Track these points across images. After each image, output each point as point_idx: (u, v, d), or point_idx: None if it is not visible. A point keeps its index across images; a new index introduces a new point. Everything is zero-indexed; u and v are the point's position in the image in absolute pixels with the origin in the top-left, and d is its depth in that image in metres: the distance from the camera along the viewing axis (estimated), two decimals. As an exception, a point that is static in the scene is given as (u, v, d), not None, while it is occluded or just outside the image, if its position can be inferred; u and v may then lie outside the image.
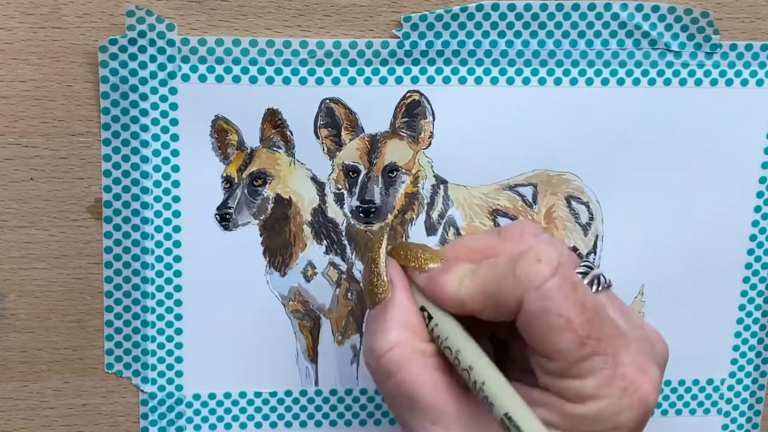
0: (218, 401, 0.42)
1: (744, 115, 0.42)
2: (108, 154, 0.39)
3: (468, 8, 0.39)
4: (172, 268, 0.40)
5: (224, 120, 0.39)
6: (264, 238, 0.41)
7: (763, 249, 0.43)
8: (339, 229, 0.41)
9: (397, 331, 0.34)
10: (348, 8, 0.38)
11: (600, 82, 0.40)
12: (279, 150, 0.40)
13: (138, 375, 0.41)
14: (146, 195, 0.40)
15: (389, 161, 0.41)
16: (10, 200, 0.39)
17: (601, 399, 0.32)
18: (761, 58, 0.41)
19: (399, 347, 0.34)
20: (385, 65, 0.39)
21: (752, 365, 0.45)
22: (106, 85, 0.38)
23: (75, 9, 0.37)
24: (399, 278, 0.35)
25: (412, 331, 0.34)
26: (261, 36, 0.38)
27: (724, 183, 0.42)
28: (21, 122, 0.38)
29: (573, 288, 0.32)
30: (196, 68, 0.38)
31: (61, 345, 0.41)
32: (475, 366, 0.33)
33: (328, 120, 0.40)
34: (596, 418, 0.32)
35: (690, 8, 0.40)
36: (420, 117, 0.40)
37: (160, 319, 0.41)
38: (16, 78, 0.37)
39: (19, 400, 0.41)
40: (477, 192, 0.42)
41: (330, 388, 0.43)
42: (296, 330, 0.42)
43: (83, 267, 0.40)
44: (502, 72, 0.40)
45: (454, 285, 0.34)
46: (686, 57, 0.41)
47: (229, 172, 0.40)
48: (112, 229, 0.40)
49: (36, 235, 0.39)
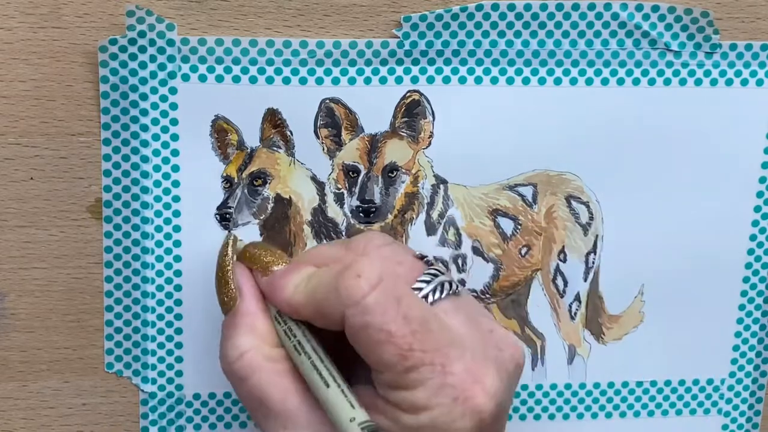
0: (218, 401, 0.42)
1: (744, 115, 0.42)
2: (108, 153, 0.39)
3: (468, 8, 0.39)
4: (172, 267, 0.40)
5: (224, 120, 0.39)
6: (264, 238, 0.41)
7: (763, 249, 0.43)
8: (339, 229, 0.41)
9: (246, 338, 0.35)
10: (348, 8, 0.38)
11: (600, 82, 0.40)
12: (279, 150, 0.40)
13: (138, 375, 0.41)
14: (146, 195, 0.40)
15: (389, 161, 0.41)
16: (10, 200, 0.39)
17: (433, 409, 0.32)
18: (761, 58, 0.41)
19: (248, 354, 0.35)
20: (385, 65, 0.39)
21: (752, 365, 0.45)
22: (106, 85, 0.38)
23: (75, 9, 0.37)
24: (246, 284, 0.36)
25: (261, 338, 0.35)
26: (261, 36, 0.38)
27: (724, 183, 0.42)
28: (21, 122, 0.38)
29: (396, 302, 0.32)
30: (196, 68, 0.38)
31: (61, 345, 0.41)
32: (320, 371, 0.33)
33: (328, 120, 0.40)
34: (432, 428, 0.32)
35: (690, 8, 0.40)
36: (420, 117, 0.40)
37: (160, 319, 0.41)
38: (16, 78, 0.37)
39: (19, 399, 0.41)
40: (477, 192, 0.42)
41: (330, 388, 0.43)
42: (296, 330, 0.42)
43: (83, 267, 0.40)
44: (502, 72, 0.40)
45: (290, 290, 0.35)
46: (686, 57, 0.41)
47: (229, 172, 0.40)
48: (112, 229, 0.40)
49: (36, 234, 0.39)
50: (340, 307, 0.33)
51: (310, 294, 0.34)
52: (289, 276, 0.35)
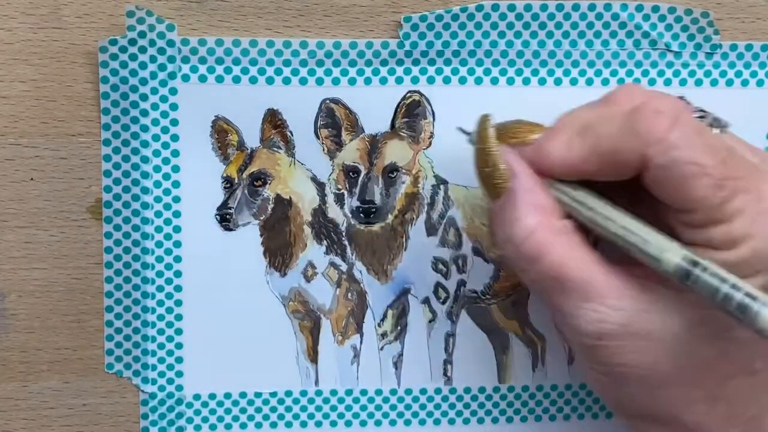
0: (218, 401, 0.42)
1: (744, 115, 0.41)
2: (108, 154, 0.39)
3: (468, 8, 0.39)
4: (173, 268, 0.40)
5: (224, 120, 0.39)
6: (264, 239, 0.41)
7: (764, 249, 0.43)
8: (339, 230, 0.41)
9: (532, 216, 0.33)
10: (348, 8, 0.38)
11: (600, 83, 0.40)
12: (279, 150, 0.40)
13: (138, 375, 0.41)
14: (146, 195, 0.40)
15: (389, 161, 0.41)
16: (10, 200, 0.39)
17: (753, 237, 0.30)
18: (761, 59, 0.41)
19: (537, 231, 0.32)
20: (385, 65, 0.39)
21: (753, 366, 0.45)
22: (106, 86, 0.38)
23: (75, 9, 0.37)
24: (516, 162, 0.34)
25: (546, 212, 0.33)
26: (261, 36, 0.38)
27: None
28: (21, 122, 0.38)
29: (698, 133, 0.31)
30: (196, 68, 0.38)
31: (61, 345, 0.41)
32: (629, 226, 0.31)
33: (329, 120, 0.40)
34: (753, 258, 0.30)
35: (690, 8, 0.40)
36: (420, 117, 0.40)
37: (160, 319, 0.41)
38: (16, 78, 0.38)
39: (19, 400, 0.41)
40: (477, 192, 0.41)
41: (330, 388, 0.43)
42: (296, 330, 0.42)
43: (83, 267, 0.40)
44: (503, 72, 0.40)
45: (563, 150, 0.33)
46: (686, 57, 0.41)
47: (230, 173, 0.40)
48: (112, 229, 0.40)
49: (36, 235, 0.39)
50: (639, 148, 0.31)
51: (592, 146, 0.32)
52: (556, 137, 0.33)
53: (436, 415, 0.43)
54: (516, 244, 0.33)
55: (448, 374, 0.43)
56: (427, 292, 0.42)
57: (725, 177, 0.30)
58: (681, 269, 0.30)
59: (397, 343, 0.42)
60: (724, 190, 0.30)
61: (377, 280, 0.42)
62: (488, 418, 0.43)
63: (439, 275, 0.42)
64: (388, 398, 0.43)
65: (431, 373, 0.43)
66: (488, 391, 0.43)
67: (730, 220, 0.30)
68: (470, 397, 0.43)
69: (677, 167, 0.30)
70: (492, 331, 0.43)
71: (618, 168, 0.32)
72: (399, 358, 0.43)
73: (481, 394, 0.43)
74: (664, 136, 0.30)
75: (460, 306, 0.42)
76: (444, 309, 0.42)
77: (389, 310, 0.42)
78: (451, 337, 0.43)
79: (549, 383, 0.44)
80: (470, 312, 0.43)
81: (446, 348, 0.43)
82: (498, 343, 0.43)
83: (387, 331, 0.42)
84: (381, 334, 0.42)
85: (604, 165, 0.32)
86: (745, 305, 0.29)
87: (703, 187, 0.30)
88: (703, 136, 0.31)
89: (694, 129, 0.31)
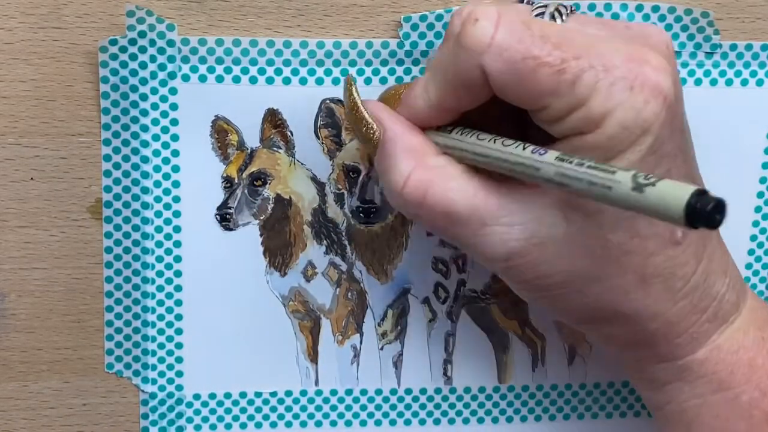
0: (218, 401, 0.42)
1: (744, 115, 0.42)
2: (108, 154, 0.39)
3: (468, 8, 0.39)
4: (173, 268, 0.40)
5: (224, 120, 0.39)
6: (264, 238, 0.41)
7: (764, 249, 0.43)
8: (339, 229, 0.41)
9: (406, 161, 0.33)
10: (348, 8, 0.38)
11: (600, 82, 0.40)
12: (279, 150, 0.40)
13: (138, 375, 0.41)
14: (146, 195, 0.40)
15: (389, 161, 0.41)
16: (10, 200, 0.39)
17: (614, 111, 0.29)
18: (761, 58, 0.41)
19: (413, 174, 0.33)
20: (385, 65, 0.39)
21: (752, 365, 0.45)
22: (106, 85, 0.38)
23: (75, 9, 0.37)
24: (382, 110, 0.34)
25: (419, 153, 0.33)
26: (261, 36, 0.38)
27: (724, 183, 0.42)
28: (21, 122, 0.38)
29: (525, 27, 0.30)
30: (196, 68, 0.38)
31: (61, 345, 0.41)
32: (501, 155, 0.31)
33: (329, 120, 0.40)
34: (623, 131, 0.29)
35: (690, 8, 0.40)
36: (420, 117, 0.40)
37: (160, 319, 0.41)
38: (16, 78, 0.37)
39: (19, 400, 0.41)
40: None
41: (330, 388, 0.43)
42: (296, 330, 0.42)
43: (83, 267, 0.40)
44: (502, 72, 0.40)
45: (423, 95, 0.33)
46: (686, 57, 0.41)
47: (230, 172, 0.40)
48: (112, 229, 0.40)
49: (36, 235, 0.39)
50: (475, 64, 0.30)
51: (442, 82, 0.32)
52: (415, 86, 0.33)
53: (436, 415, 0.43)
54: (398, 192, 0.33)
55: (448, 374, 0.43)
56: (427, 291, 0.42)
57: (563, 60, 0.29)
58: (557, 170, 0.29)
59: (397, 342, 0.42)
60: (566, 74, 0.29)
61: (377, 279, 0.42)
62: (488, 417, 0.43)
63: (439, 275, 0.42)
64: (388, 398, 0.43)
65: (431, 372, 0.43)
66: (488, 391, 0.43)
67: (585, 101, 0.30)
68: (470, 396, 0.43)
69: (513, 67, 0.30)
70: (492, 330, 0.43)
71: (472, 92, 0.32)
72: (399, 358, 0.43)
73: (481, 394, 0.43)
74: (490, 41, 0.30)
75: (460, 306, 0.42)
76: (444, 309, 0.42)
77: (389, 309, 0.42)
78: (451, 336, 0.43)
79: (549, 383, 0.44)
80: (470, 312, 0.43)
81: (446, 348, 0.43)
82: (498, 342, 0.43)
83: (387, 331, 0.42)
84: (381, 334, 0.42)
85: (460, 95, 0.32)
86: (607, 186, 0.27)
87: (545, 78, 0.30)
88: (531, 27, 0.30)
89: (518, 24, 0.30)
